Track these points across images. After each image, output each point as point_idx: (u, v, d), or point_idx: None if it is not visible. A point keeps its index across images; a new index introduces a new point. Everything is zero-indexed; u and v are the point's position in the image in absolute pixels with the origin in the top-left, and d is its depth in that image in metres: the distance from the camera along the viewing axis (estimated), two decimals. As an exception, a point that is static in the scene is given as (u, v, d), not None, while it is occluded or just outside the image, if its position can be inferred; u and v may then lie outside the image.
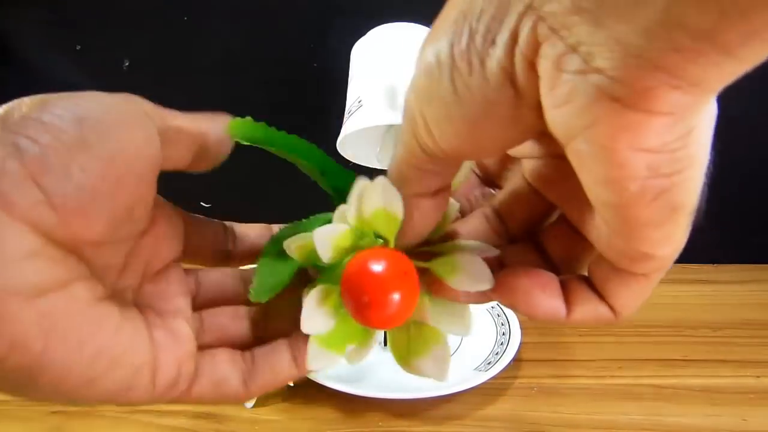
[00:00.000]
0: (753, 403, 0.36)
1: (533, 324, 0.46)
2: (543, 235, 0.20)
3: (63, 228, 0.16)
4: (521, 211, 0.21)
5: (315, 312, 0.21)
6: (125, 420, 0.35)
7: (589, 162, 0.13)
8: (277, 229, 0.27)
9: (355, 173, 0.22)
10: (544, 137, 0.15)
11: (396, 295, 0.20)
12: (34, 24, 0.57)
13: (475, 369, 0.39)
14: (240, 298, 0.23)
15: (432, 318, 0.21)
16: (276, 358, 0.21)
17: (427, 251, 0.21)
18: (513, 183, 0.21)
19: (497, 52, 0.13)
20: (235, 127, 0.25)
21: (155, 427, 0.34)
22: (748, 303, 0.51)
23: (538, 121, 0.14)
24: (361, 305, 0.20)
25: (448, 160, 0.17)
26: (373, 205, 0.21)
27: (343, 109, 0.44)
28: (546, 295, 0.18)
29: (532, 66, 0.13)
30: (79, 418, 0.35)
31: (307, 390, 0.37)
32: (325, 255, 0.21)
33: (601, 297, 0.18)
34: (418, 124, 0.16)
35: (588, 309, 0.18)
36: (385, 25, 0.43)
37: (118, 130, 0.18)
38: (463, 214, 0.22)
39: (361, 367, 0.41)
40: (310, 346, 0.21)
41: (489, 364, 0.36)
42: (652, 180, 0.13)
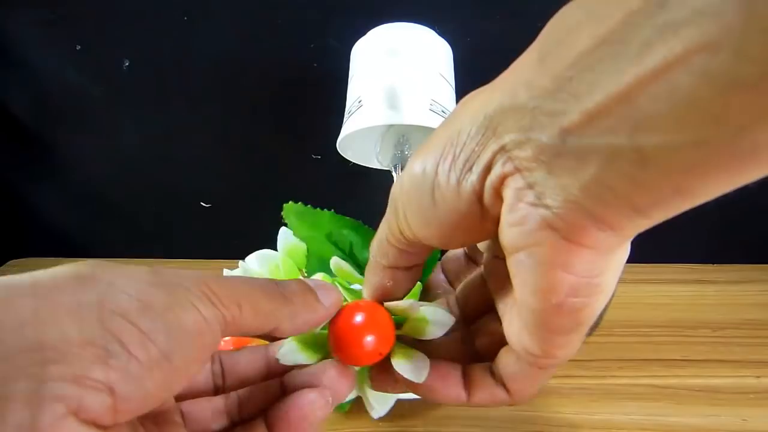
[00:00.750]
0: (753, 403, 0.36)
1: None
2: (477, 323, 0.25)
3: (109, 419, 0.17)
4: (474, 298, 0.25)
5: (295, 348, 0.25)
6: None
7: (525, 272, 0.17)
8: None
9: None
10: (496, 242, 0.19)
11: (369, 338, 0.24)
12: (34, 24, 0.57)
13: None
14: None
15: (395, 363, 0.25)
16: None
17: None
18: (473, 273, 0.26)
19: (472, 177, 0.17)
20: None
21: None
22: (748, 303, 0.51)
23: (494, 230, 0.18)
24: (341, 347, 0.24)
25: (422, 246, 0.21)
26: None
27: (343, 109, 0.44)
28: (445, 385, 0.23)
29: (497, 192, 0.17)
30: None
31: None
32: None
33: (500, 382, 0.22)
34: (399, 216, 0.20)
35: (486, 393, 0.22)
36: (385, 25, 0.43)
37: (194, 350, 0.19)
38: (453, 285, 0.27)
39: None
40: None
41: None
42: (571, 298, 0.17)
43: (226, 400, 0.25)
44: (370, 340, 0.24)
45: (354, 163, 0.47)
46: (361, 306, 0.25)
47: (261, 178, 0.62)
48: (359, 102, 0.41)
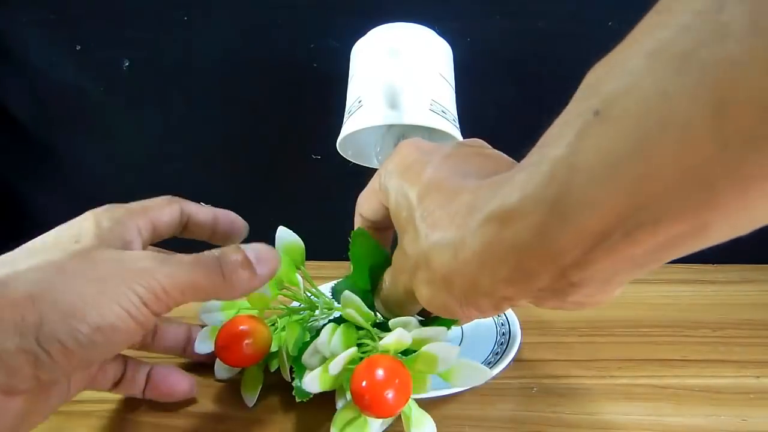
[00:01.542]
0: (753, 403, 0.36)
1: (533, 324, 0.46)
2: None
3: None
4: None
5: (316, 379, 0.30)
6: (125, 420, 0.35)
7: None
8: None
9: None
10: None
11: (390, 394, 0.28)
12: (34, 24, 0.57)
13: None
14: None
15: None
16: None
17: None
18: None
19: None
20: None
21: (154, 427, 0.34)
22: (748, 303, 0.51)
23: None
24: (364, 402, 0.28)
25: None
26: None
27: (343, 109, 0.44)
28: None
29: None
30: (79, 418, 0.35)
31: (307, 390, 0.37)
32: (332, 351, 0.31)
33: None
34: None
35: None
36: (385, 25, 0.43)
37: (115, 345, 0.27)
38: None
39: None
40: None
41: (489, 364, 0.36)
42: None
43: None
44: (391, 396, 0.28)
45: (354, 163, 0.47)
46: (382, 361, 0.29)
47: (261, 178, 0.62)
48: (359, 102, 0.41)
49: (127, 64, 0.58)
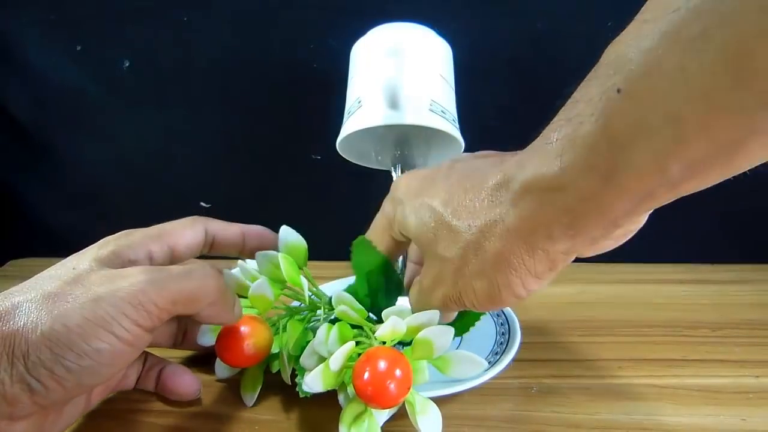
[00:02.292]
0: (753, 403, 0.36)
1: (533, 324, 0.46)
2: None
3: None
4: None
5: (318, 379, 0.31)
6: (125, 420, 0.35)
7: None
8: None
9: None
10: None
11: (392, 384, 0.29)
12: (34, 24, 0.57)
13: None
14: None
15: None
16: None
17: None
18: None
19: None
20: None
21: (155, 427, 0.34)
22: (748, 303, 0.51)
23: None
24: (367, 394, 0.29)
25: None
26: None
27: (343, 109, 0.44)
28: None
29: None
30: (79, 418, 0.35)
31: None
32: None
33: None
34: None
35: None
36: (385, 25, 0.43)
37: (110, 368, 0.27)
38: None
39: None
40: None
41: (489, 364, 0.36)
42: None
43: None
44: (393, 386, 0.29)
45: (354, 163, 0.47)
46: (384, 353, 0.30)
47: (261, 178, 0.62)
48: (359, 102, 0.41)
49: (127, 64, 0.58)
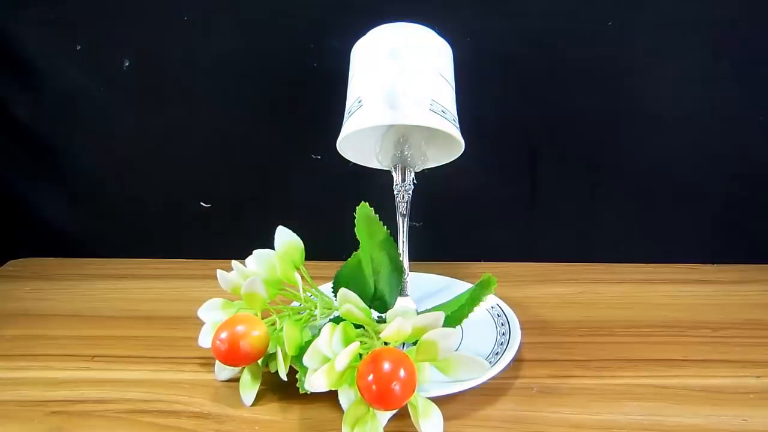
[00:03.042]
0: (753, 403, 0.36)
1: (533, 324, 0.46)
2: None
3: None
4: None
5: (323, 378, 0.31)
6: (124, 420, 0.35)
7: None
8: None
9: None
10: None
11: (396, 386, 0.28)
12: (34, 24, 0.57)
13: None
14: None
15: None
16: None
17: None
18: None
19: None
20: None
21: (155, 427, 0.34)
22: (748, 303, 0.51)
23: None
24: (371, 396, 0.29)
25: None
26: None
27: (343, 109, 0.44)
28: None
29: None
30: (79, 418, 0.35)
31: (307, 390, 0.37)
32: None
33: None
34: None
35: None
36: (385, 25, 0.43)
37: None
38: None
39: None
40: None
41: (489, 364, 0.36)
42: None
43: None
44: (398, 388, 0.29)
45: (354, 163, 0.47)
46: (387, 354, 0.30)
47: (261, 178, 0.62)
48: (359, 102, 0.41)
49: (127, 64, 0.58)
